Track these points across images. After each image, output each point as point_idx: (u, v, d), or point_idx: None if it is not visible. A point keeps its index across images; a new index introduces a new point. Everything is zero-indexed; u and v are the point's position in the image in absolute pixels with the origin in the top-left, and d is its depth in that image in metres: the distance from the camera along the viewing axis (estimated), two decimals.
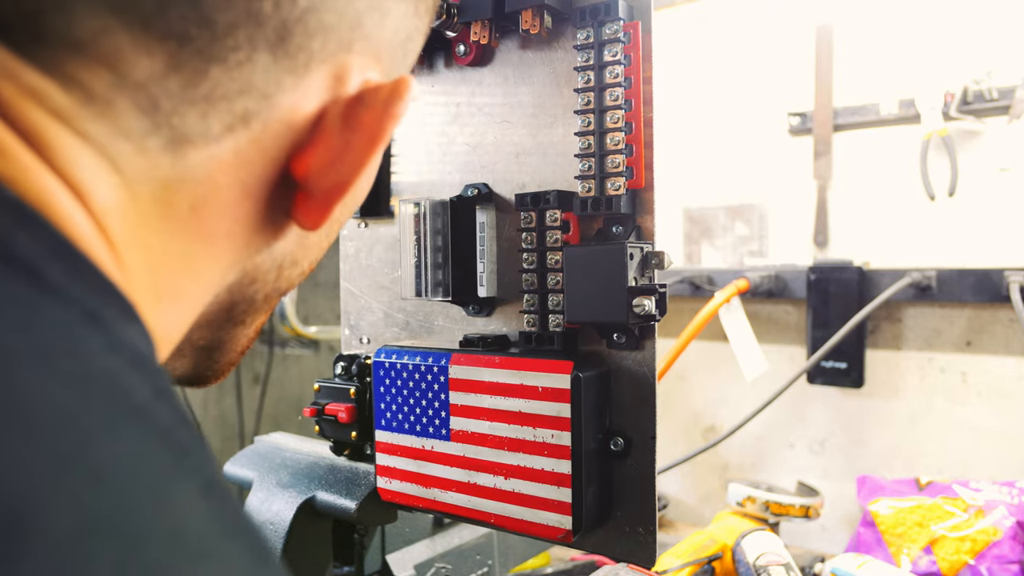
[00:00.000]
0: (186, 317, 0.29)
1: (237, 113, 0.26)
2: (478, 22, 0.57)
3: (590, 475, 0.52)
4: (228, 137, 0.26)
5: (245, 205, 0.28)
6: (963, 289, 1.03)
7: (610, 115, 0.51)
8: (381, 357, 0.60)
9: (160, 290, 0.26)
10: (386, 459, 0.60)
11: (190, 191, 0.26)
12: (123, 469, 0.18)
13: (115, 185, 0.24)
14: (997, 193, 1.04)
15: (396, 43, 0.30)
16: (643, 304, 0.49)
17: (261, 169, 0.27)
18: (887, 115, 1.11)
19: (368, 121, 0.28)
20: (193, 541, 0.18)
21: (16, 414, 0.17)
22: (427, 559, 0.72)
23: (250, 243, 0.29)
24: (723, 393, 1.28)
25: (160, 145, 0.24)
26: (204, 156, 0.25)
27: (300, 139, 0.28)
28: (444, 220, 0.59)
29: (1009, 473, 1.03)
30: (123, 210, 0.24)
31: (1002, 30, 1.03)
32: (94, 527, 0.16)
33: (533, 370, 0.52)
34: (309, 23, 0.26)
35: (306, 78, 0.27)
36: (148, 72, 0.23)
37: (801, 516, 0.98)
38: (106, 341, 0.20)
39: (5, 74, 0.22)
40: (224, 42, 0.24)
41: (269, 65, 0.25)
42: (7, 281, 0.19)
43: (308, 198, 0.29)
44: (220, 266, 0.29)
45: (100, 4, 0.22)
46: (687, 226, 1.32)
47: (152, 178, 0.25)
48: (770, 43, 1.21)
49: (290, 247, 0.32)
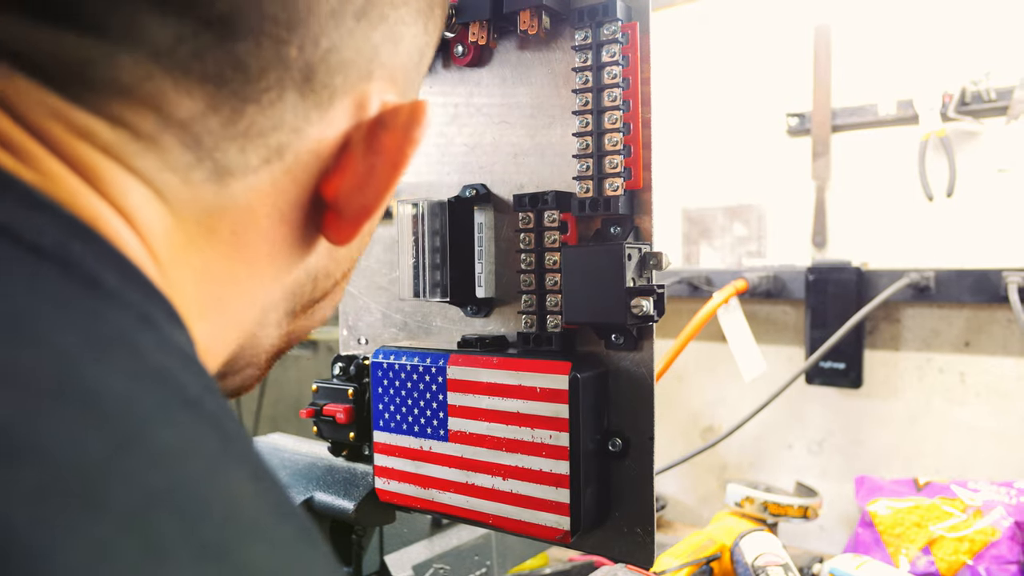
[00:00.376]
0: (232, 329, 0.31)
1: (272, 147, 0.28)
2: (476, 23, 0.57)
3: (588, 476, 0.52)
4: (265, 168, 0.28)
5: (282, 228, 0.30)
6: (961, 289, 1.03)
7: (608, 116, 0.51)
8: (379, 358, 0.60)
9: (204, 305, 0.28)
10: (384, 460, 0.60)
11: (231, 217, 0.28)
12: (179, 450, 0.19)
13: (161, 211, 0.26)
14: (995, 194, 1.04)
15: (410, 65, 0.33)
16: (641, 305, 0.49)
17: (295, 195, 0.29)
18: (885, 116, 1.11)
19: (390, 145, 0.30)
20: (247, 520, 0.19)
21: (81, 399, 0.18)
22: (425, 560, 0.72)
23: (287, 260, 0.32)
24: (721, 394, 1.28)
25: (204, 177, 0.26)
26: (244, 186, 0.28)
27: (327, 165, 0.30)
28: (442, 221, 0.59)
29: (1007, 473, 1.03)
30: (168, 232, 0.26)
31: (1001, 31, 1.03)
32: (154, 501, 0.17)
33: (531, 371, 0.52)
34: (331, 62, 0.28)
35: (331, 110, 0.29)
36: (190, 112, 0.25)
37: (799, 516, 0.98)
38: (159, 340, 0.22)
39: (54, 116, 0.23)
40: (257, 84, 0.26)
41: (297, 102, 0.28)
42: (67, 285, 0.20)
43: (338, 217, 0.31)
44: (263, 282, 0.31)
45: (143, 54, 0.24)
46: (685, 226, 1.32)
47: (197, 206, 0.27)
48: (768, 43, 1.21)
49: (322, 260, 0.34)
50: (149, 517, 0.17)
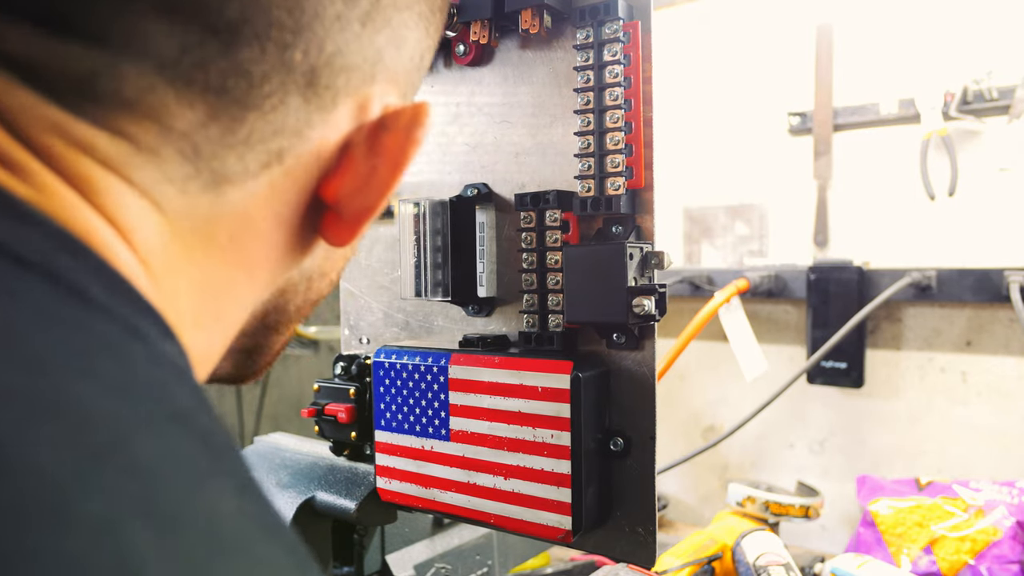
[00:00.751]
0: (225, 337, 0.31)
1: (272, 152, 0.27)
2: (478, 22, 0.57)
3: (590, 475, 0.52)
4: (264, 173, 0.28)
5: (280, 231, 0.30)
6: (963, 289, 1.03)
7: (610, 115, 0.51)
8: (381, 357, 0.60)
9: (200, 314, 0.28)
10: (386, 459, 0.60)
11: (229, 224, 0.27)
12: (162, 462, 0.19)
13: (158, 222, 0.25)
14: (997, 193, 1.04)
15: (412, 67, 0.33)
16: (643, 304, 0.49)
17: (294, 198, 0.29)
18: (887, 115, 1.11)
19: (391, 146, 0.30)
20: (229, 536, 0.19)
21: (58, 411, 0.17)
22: (427, 559, 0.72)
23: (284, 263, 0.31)
24: (723, 393, 1.28)
25: (200, 187, 0.26)
26: (242, 193, 0.27)
27: (328, 167, 0.30)
28: (444, 220, 0.59)
29: (1009, 473, 1.03)
30: (164, 244, 0.26)
31: (1002, 30, 1.03)
32: (128, 514, 0.17)
33: (533, 370, 0.52)
34: (335, 65, 0.28)
35: (334, 113, 0.29)
36: (190, 123, 0.25)
37: (801, 516, 0.98)
38: (149, 352, 0.22)
39: (55, 130, 0.23)
40: (259, 90, 0.26)
41: (300, 106, 0.27)
42: (53, 298, 0.20)
43: (338, 219, 0.31)
44: (258, 287, 0.31)
45: (148, 66, 0.24)
46: (687, 226, 1.32)
47: (194, 215, 0.26)
48: (770, 43, 1.21)
49: (318, 261, 0.34)
50: (122, 530, 0.16)
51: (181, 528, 0.18)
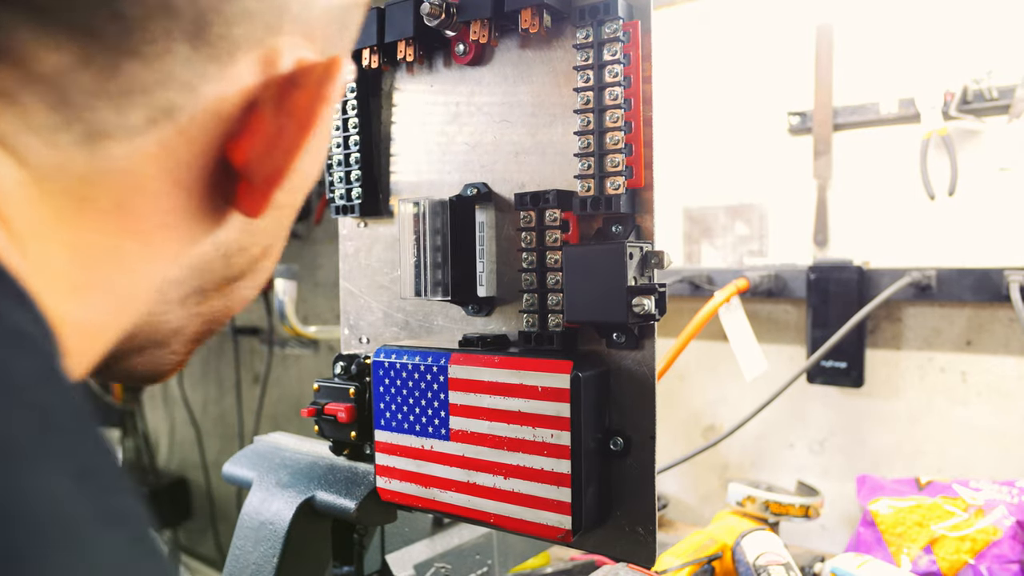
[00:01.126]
0: (123, 309, 0.28)
1: (158, 105, 0.25)
2: (477, 21, 0.57)
3: (590, 475, 0.52)
4: (151, 130, 0.25)
5: (178, 196, 0.27)
6: (963, 289, 1.03)
7: (609, 114, 0.51)
8: (380, 357, 0.60)
9: (80, 282, 0.25)
10: (385, 459, 0.60)
11: (112, 185, 0.25)
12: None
13: (20, 179, 0.23)
14: (997, 192, 1.04)
15: (330, 19, 0.30)
16: (643, 303, 0.49)
17: (191, 159, 0.27)
18: (887, 114, 1.11)
19: (300, 104, 0.28)
20: (57, 525, 0.17)
21: None
22: (427, 559, 0.72)
23: (190, 234, 0.29)
24: (723, 393, 1.28)
25: (73, 140, 0.24)
26: (126, 150, 0.25)
27: (232, 127, 0.27)
28: (443, 220, 0.59)
29: (1009, 472, 1.03)
30: (30, 203, 0.23)
31: (1002, 30, 1.03)
32: None
33: (533, 370, 0.52)
34: (228, 12, 0.25)
35: (231, 66, 0.26)
36: (56, 67, 0.23)
37: (801, 516, 0.98)
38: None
39: None
40: (137, 35, 0.23)
41: (189, 56, 0.25)
42: None
43: (249, 185, 0.28)
44: (158, 258, 0.28)
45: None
46: (687, 225, 1.32)
47: (66, 173, 0.24)
48: (770, 42, 1.21)
49: (234, 235, 0.32)
50: None
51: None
